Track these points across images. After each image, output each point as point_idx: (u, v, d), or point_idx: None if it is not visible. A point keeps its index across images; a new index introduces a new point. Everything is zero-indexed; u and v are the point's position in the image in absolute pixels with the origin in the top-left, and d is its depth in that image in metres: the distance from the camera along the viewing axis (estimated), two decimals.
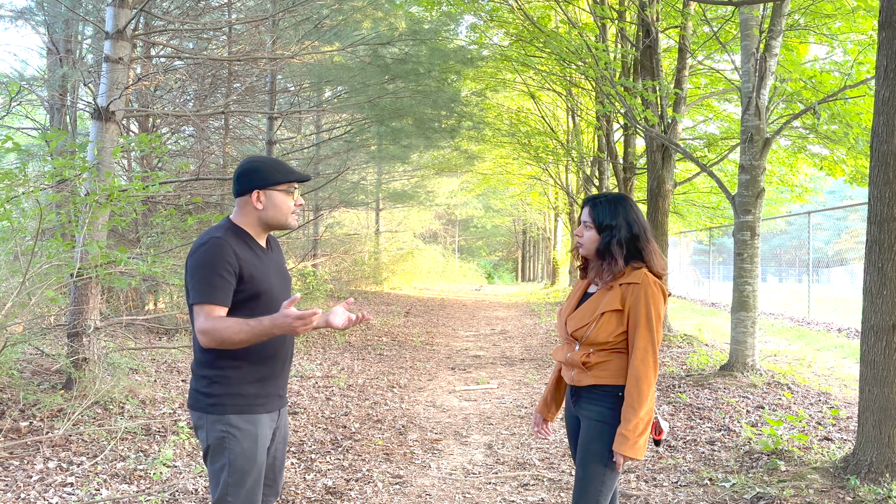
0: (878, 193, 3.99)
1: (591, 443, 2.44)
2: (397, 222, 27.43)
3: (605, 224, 2.48)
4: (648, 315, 2.38)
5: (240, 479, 2.33)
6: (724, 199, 16.09)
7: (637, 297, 2.40)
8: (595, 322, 2.43)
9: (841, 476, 3.95)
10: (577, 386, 2.53)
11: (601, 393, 2.45)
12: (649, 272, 2.45)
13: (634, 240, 2.48)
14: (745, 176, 6.94)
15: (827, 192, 35.98)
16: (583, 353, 2.47)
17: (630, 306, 2.41)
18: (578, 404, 2.54)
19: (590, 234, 2.52)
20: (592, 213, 2.52)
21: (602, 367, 2.45)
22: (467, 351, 9.91)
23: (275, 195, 2.43)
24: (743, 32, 6.97)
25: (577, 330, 2.48)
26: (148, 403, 5.46)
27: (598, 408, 2.45)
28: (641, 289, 2.40)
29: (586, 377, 2.48)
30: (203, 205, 9.47)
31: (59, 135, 4.67)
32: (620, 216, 2.48)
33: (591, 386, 2.47)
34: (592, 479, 2.42)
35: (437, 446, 5.02)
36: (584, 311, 2.49)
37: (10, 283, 5.00)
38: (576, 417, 2.60)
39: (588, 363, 2.45)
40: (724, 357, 7.85)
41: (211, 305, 2.26)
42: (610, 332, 2.41)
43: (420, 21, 11.07)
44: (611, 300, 2.43)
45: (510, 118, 18.00)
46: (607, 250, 2.47)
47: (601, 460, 2.41)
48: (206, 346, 2.25)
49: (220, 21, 9.51)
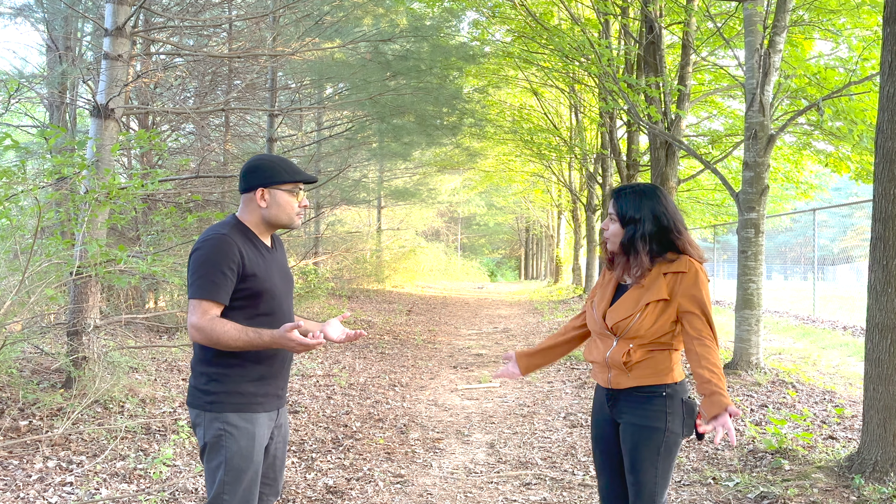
0: (883, 190, 3.94)
1: (639, 448, 2.35)
2: (399, 220, 27.40)
3: (630, 217, 2.37)
4: (702, 302, 2.29)
5: (236, 478, 2.31)
6: (728, 197, 16.03)
7: (687, 286, 2.30)
8: (640, 313, 2.32)
9: (845, 475, 3.91)
10: (615, 389, 2.41)
11: (645, 395, 2.35)
12: (693, 259, 2.35)
13: (665, 232, 2.36)
14: (750, 173, 6.89)
15: (832, 189, 35.89)
16: (622, 349, 2.35)
17: (680, 295, 2.31)
18: (617, 408, 2.42)
19: (615, 228, 2.41)
20: (616, 205, 2.41)
21: (643, 366, 2.35)
22: (469, 349, 9.88)
23: (279, 194, 2.40)
24: (747, 28, 6.91)
25: (618, 322, 2.36)
26: (148, 402, 5.44)
27: (643, 411, 2.35)
28: (690, 277, 2.31)
29: (626, 379, 2.37)
30: (203, 203, 9.45)
31: (58, 132, 4.64)
32: (646, 209, 2.36)
33: (633, 388, 2.37)
34: (646, 482, 2.35)
35: (439, 445, 4.99)
36: (626, 303, 2.37)
37: (9, 281, 4.99)
38: (610, 422, 2.47)
39: (629, 362, 2.34)
40: (728, 355, 7.81)
41: (209, 302, 2.25)
42: (653, 323, 2.31)
43: (422, 17, 11.02)
44: (656, 290, 2.32)
45: (512, 115, 17.96)
46: (631, 245, 2.36)
47: (652, 463, 2.33)
48: (196, 341, 2.25)
49: (220, 18, 9.47)
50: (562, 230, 29.37)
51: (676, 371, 2.38)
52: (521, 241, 49.38)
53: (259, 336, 2.21)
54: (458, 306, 17.82)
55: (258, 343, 2.21)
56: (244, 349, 2.24)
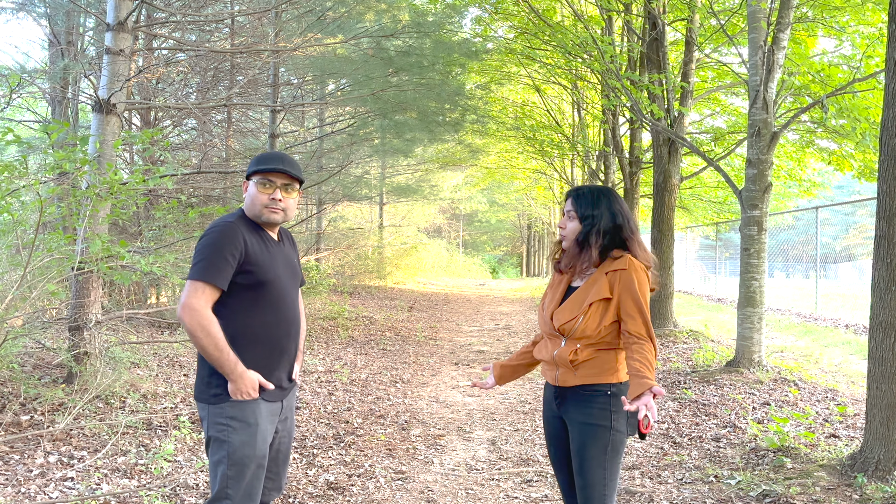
0: (888, 188, 3.93)
1: (586, 447, 2.37)
2: (401, 216, 27.38)
3: (587, 214, 2.44)
4: (637, 299, 2.33)
5: (239, 473, 2.30)
6: (730, 194, 16.00)
7: (626, 283, 2.35)
8: (583, 314, 2.37)
9: (848, 473, 3.90)
10: (562, 387, 2.45)
11: (590, 393, 2.38)
12: (633, 258, 2.40)
13: (618, 230, 2.43)
14: (753, 170, 6.86)
15: (835, 187, 35.80)
16: (569, 349, 2.40)
17: (619, 293, 2.35)
18: (564, 406, 2.46)
19: (573, 225, 2.48)
20: (575, 203, 2.48)
21: (590, 365, 2.38)
22: (471, 346, 9.87)
23: (251, 186, 2.43)
24: (750, 25, 6.88)
25: (564, 324, 2.41)
26: (149, 398, 5.44)
27: (588, 409, 2.38)
28: (628, 274, 2.35)
29: (573, 377, 2.40)
30: (205, 198, 9.45)
31: (61, 126, 4.63)
32: (603, 206, 2.44)
33: (579, 386, 2.40)
34: (595, 484, 2.36)
35: (440, 442, 4.98)
36: (572, 304, 2.42)
37: (10, 276, 4.98)
38: (559, 419, 2.51)
39: (575, 360, 2.38)
40: (730, 353, 7.80)
41: (206, 284, 2.25)
42: (599, 323, 2.35)
43: (424, 13, 10.99)
44: (598, 290, 2.37)
45: (515, 112, 17.91)
46: (586, 240, 2.42)
47: (600, 463, 2.35)
48: (182, 319, 2.24)
49: (222, 13, 9.45)
50: None
51: (622, 371, 2.42)
52: (522, 238, 49.34)
53: (233, 362, 2.27)
54: (459, 303, 17.82)
55: (227, 364, 2.26)
56: (210, 357, 2.26)
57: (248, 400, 2.33)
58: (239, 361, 2.28)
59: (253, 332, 2.35)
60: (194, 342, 2.24)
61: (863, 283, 20.39)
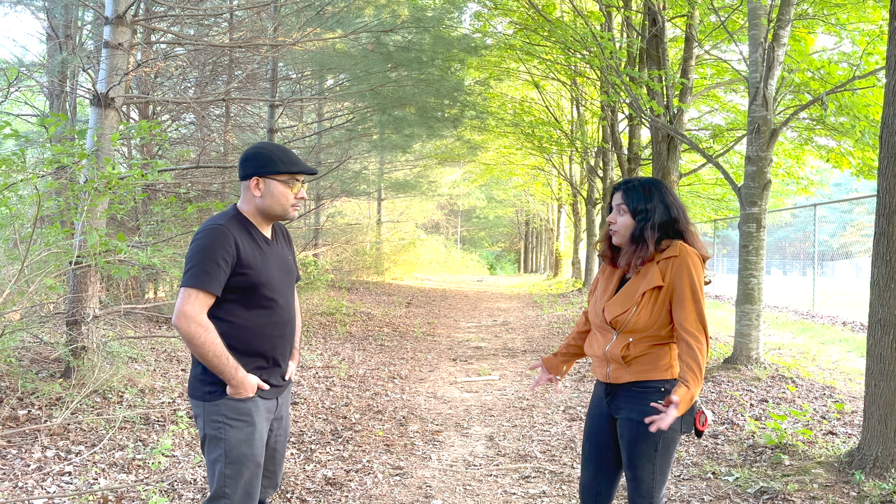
0: (888, 186, 3.92)
1: (637, 444, 2.33)
2: (399, 212, 27.36)
3: (640, 208, 2.35)
4: (693, 286, 2.26)
5: (236, 471, 2.29)
6: (729, 191, 16.01)
7: (679, 269, 2.27)
8: (636, 306, 2.30)
9: (846, 471, 3.91)
10: (613, 384, 2.40)
11: (642, 390, 2.33)
12: (685, 243, 2.33)
13: (673, 223, 2.35)
14: (752, 167, 6.86)
15: (833, 185, 35.82)
16: (622, 343, 2.33)
17: (672, 279, 2.28)
18: (615, 403, 2.41)
19: (624, 220, 2.38)
20: (626, 196, 2.38)
21: (642, 361, 2.33)
22: (469, 342, 9.87)
23: (273, 184, 2.37)
24: (751, 21, 6.87)
25: (617, 317, 2.34)
26: (147, 392, 5.43)
27: (641, 406, 2.32)
28: (681, 259, 2.28)
29: (626, 373, 2.35)
30: (203, 193, 9.42)
31: (59, 120, 4.61)
32: (656, 198, 2.35)
33: (631, 383, 2.35)
34: (644, 478, 2.34)
35: (438, 438, 4.98)
36: (624, 296, 2.35)
37: (8, 270, 4.97)
38: (607, 417, 2.46)
39: (628, 356, 2.32)
40: (727, 350, 7.81)
41: (200, 291, 2.23)
42: (650, 314, 2.29)
43: (423, 8, 10.96)
44: (651, 278, 2.30)
45: (514, 108, 17.89)
46: (641, 235, 2.34)
47: (650, 459, 2.32)
48: (177, 327, 2.23)
49: (221, 7, 9.42)
50: (562, 224, 29.34)
51: (676, 367, 2.35)
52: (520, 235, 49.36)
53: (233, 367, 2.26)
54: (457, 299, 17.82)
55: (227, 370, 2.25)
56: (209, 364, 2.25)
57: (245, 398, 2.32)
58: (239, 367, 2.27)
59: (248, 333, 2.33)
60: (192, 350, 2.23)
61: (860, 281, 20.42)
